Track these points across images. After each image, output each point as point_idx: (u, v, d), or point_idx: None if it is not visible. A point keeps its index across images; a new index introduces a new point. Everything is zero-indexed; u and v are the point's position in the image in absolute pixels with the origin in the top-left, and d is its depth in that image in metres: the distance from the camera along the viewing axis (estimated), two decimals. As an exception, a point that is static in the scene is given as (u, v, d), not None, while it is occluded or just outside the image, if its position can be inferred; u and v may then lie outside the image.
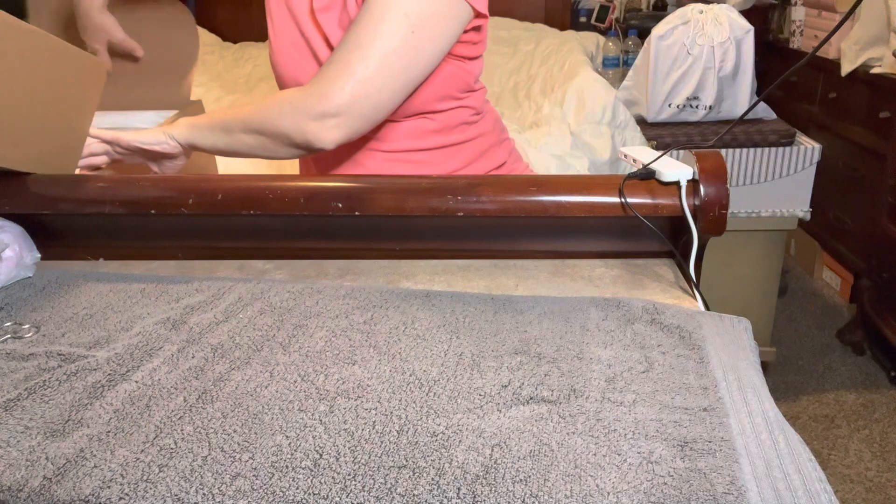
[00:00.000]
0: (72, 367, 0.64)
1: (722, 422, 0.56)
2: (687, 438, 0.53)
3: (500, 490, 0.49)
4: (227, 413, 0.58)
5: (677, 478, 0.50)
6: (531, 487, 0.49)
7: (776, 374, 2.21)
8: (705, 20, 1.95)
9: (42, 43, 0.84)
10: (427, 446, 0.54)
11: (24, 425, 0.56)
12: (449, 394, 0.60)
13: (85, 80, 0.91)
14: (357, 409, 0.58)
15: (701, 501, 0.48)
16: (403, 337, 0.69)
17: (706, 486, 0.49)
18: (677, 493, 0.48)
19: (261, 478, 0.51)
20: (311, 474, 0.51)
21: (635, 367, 0.63)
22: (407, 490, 0.49)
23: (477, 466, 0.51)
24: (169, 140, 0.93)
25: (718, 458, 0.52)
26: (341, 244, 0.90)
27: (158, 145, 0.93)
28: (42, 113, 0.85)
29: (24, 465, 0.52)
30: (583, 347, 0.66)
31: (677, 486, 0.49)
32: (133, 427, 0.56)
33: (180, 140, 0.93)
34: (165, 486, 0.50)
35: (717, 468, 0.51)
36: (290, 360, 0.66)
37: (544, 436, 0.54)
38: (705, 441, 0.53)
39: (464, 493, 0.49)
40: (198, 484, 0.51)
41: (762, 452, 0.53)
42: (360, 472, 0.51)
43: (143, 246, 0.93)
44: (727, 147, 1.99)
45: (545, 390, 0.60)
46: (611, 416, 0.56)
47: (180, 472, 0.52)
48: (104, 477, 0.51)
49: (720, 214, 0.78)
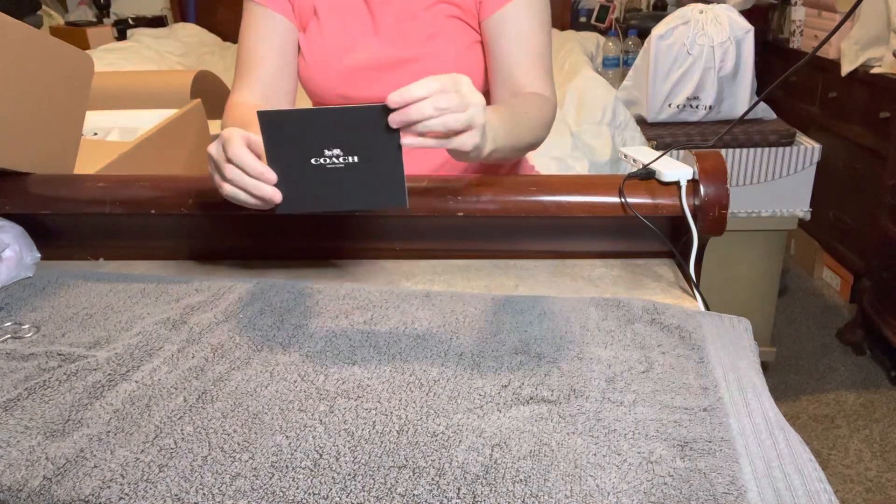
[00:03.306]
0: (72, 367, 0.64)
1: (722, 422, 0.56)
2: (687, 438, 0.54)
3: (500, 490, 0.49)
4: (227, 413, 0.58)
5: (677, 478, 0.50)
6: (531, 487, 0.49)
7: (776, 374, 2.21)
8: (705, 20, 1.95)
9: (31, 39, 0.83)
10: (427, 446, 0.54)
11: (24, 425, 0.56)
12: (449, 394, 0.60)
13: (75, 76, 0.91)
14: (357, 409, 0.58)
15: (701, 501, 0.48)
16: (403, 337, 0.69)
17: (706, 485, 0.49)
18: (677, 493, 0.48)
19: (261, 478, 0.51)
20: (311, 474, 0.51)
21: (635, 367, 0.63)
22: (407, 490, 0.49)
23: (477, 466, 0.51)
24: None
25: (718, 458, 0.52)
26: (342, 244, 0.90)
27: None
28: (35, 110, 0.85)
29: (24, 465, 0.52)
30: (583, 347, 0.66)
31: (677, 486, 0.49)
32: (133, 427, 0.56)
33: None
34: (165, 485, 0.50)
35: (717, 468, 0.51)
36: (290, 360, 0.66)
37: (544, 436, 0.54)
38: (705, 441, 0.53)
39: (464, 493, 0.49)
40: (198, 484, 0.50)
41: (762, 452, 0.53)
42: (360, 472, 0.51)
43: (143, 246, 0.92)
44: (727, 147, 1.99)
45: (545, 390, 0.60)
46: (611, 416, 0.56)
47: (180, 472, 0.52)
48: (104, 477, 0.51)
49: (720, 214, 0.78)
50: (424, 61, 0.94)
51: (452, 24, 0.94)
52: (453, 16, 0.94)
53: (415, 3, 0.94)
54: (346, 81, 0.97)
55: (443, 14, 0.94)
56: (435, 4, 0.93)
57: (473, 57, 0.95)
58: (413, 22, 0.94)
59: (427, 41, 0.94)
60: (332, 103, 1.00)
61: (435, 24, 0.93)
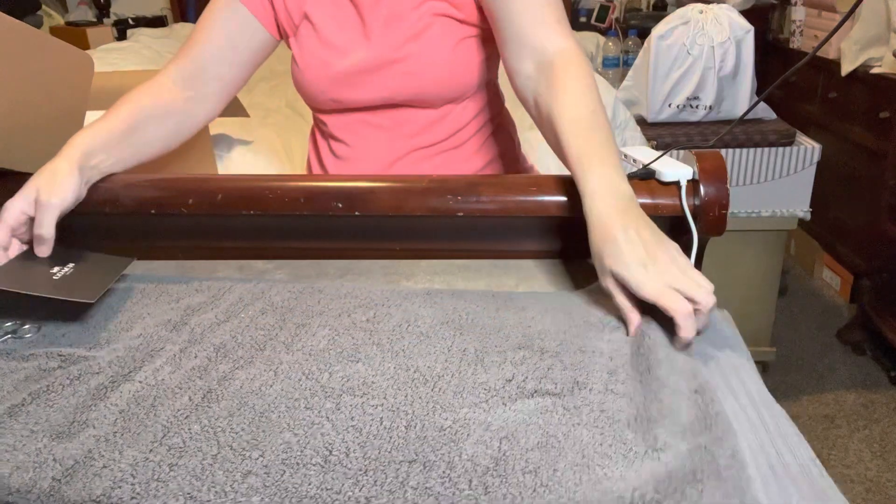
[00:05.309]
0: (73, 368, 0.64)
1: (714, 398, 0.57)
2: (685, 421, 0.55)
3: (511, 481, 0.49)
4: (233, 412, 0.58)
5: (681, 458, 0.51)
6: (541, 478, 0.50)
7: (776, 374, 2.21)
8: (705, 20, 1.95)
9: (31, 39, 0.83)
10: (436, 441, 0.54)
11: (30, 429, 0.56)
12: (454, 389, 0.60)
13: (75, 76, 0.91)
14: (363, 405, 0.58)
15: (706, 475, 0.49)
16: (406, 334, 0.69)
17: (708, 459, 0.50)
18: (682, 470, 0.49)
19: (272, 475, 0.51)
20: (323, 470, 0.51)
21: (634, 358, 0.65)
22: (419, 483, 0.50)
23: (486, 459, 0.52)
24: None
25: (715, 432, 0.53)
26: (341, 244, 0.90)
27: None
28: (35, 110, 0.85)
29: (32, 467, 0.52)
30: (585, 341, 0.67)
31: (681, 465, 0.50)
32: (140, 427, 0.56)
33: None
34: (177, 484, 0.50)
35: (717, 442, 0.52)
36: (294, 358, 0.66)
37: (550, 427, 0.55)
38: (701, 420, 0.55)
39: (475, 485, 0.49)
40: (209, 482, 0.51)
41: (752, 427, 0.56)
42: (372, 467, 0.51)
43: (143, 246, 0.92)
44: (727, 147, 1.99)
45: (549, 384, 0.61)
46: (614, 407, 0.57)
47: (191, 471, 0.52)
48: (114, 477, 0.51)
49: (720, 214, 0.78)
50: (409, 61, 0.94)
51: (440, 21, 0.94)
52: (442, 13, 0.94)
53: (403, 4, 0.94)
54: (336, 86, 0.97)
55: (430, 12, 0.93)
56: (423, 4, 0.93)
57: (464, 53, 0.95)
58: (400, 23, 0.94)
59: (412, 40, 0.94)
60: (324, 107, 1.01)
61: (421, 22, 0.94)
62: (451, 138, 1.01)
